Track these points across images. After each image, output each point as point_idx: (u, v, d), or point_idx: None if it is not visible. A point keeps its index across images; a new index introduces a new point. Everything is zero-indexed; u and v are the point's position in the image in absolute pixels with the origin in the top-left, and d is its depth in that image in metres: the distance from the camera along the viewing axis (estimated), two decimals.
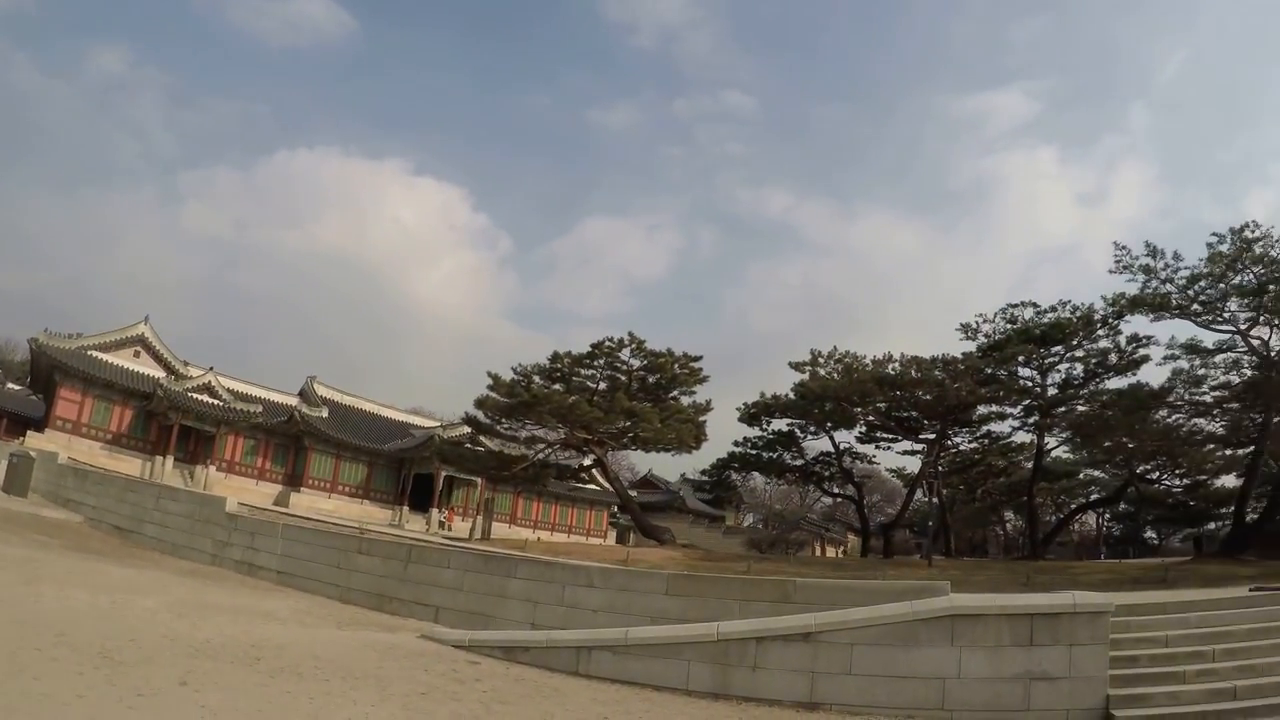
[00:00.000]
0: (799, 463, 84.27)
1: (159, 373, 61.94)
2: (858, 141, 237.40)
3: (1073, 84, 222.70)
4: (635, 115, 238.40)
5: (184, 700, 10.41)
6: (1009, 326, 70.60)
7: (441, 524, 70.13)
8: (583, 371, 66.70)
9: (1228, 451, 70.86)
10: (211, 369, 63.63)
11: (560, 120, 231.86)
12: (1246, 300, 55.49)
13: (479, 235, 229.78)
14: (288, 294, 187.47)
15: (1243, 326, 57.03)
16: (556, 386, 65.09)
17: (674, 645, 16.81)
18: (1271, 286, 53.75)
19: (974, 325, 72.29)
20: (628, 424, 64.32)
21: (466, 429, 69.93)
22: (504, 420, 64.83)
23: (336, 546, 27.80)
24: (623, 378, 66.94)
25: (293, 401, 68.81)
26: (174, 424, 60.51)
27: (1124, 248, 58.81)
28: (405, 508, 70.53)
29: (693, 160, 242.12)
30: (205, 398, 61.93)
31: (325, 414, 68.24)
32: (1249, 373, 59.15)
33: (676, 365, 67.40)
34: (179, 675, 11.64)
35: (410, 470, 72.53)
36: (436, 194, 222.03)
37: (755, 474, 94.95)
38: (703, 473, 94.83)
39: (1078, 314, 67.26)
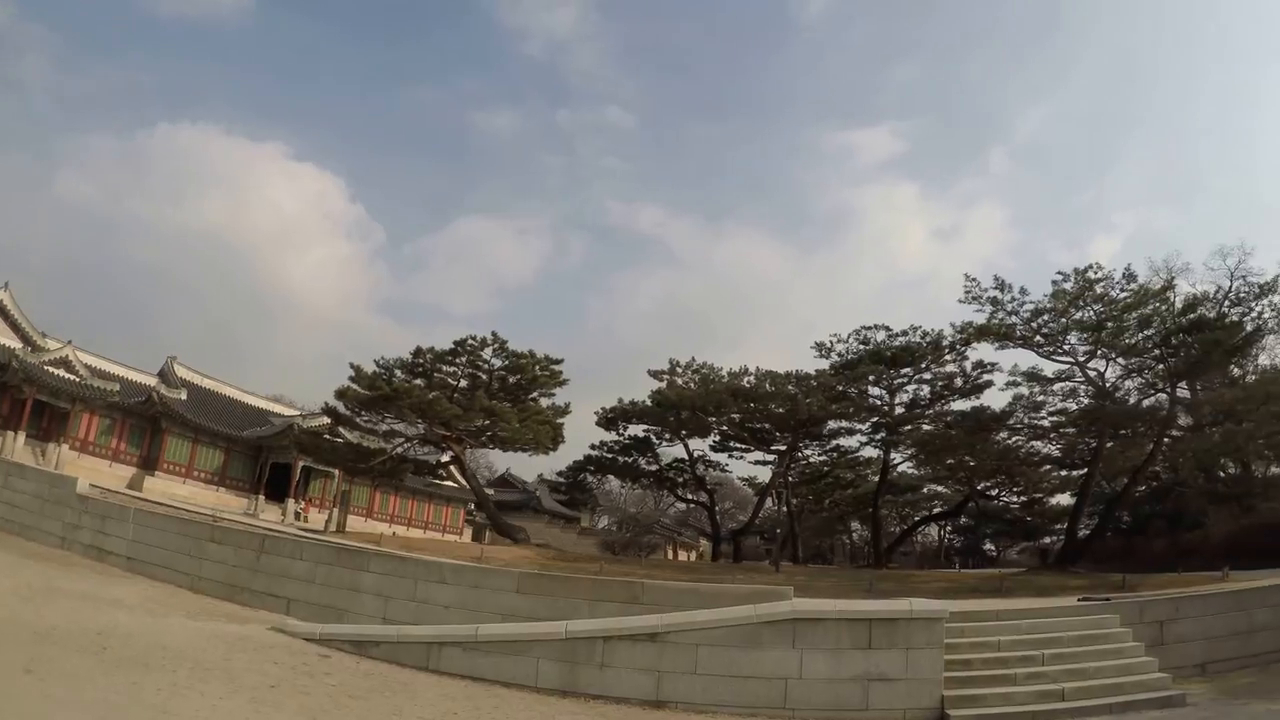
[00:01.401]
0: (654, 468, 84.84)
1: (15, 343, 58.96)
2: (730, 165, 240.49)
3: (939, 127, 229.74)
4: (518, 121, 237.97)
5: (29, 689, 10.35)
6: (862, 347, 72.98)
7: (297, 515, 68.93)
8: (445, 368, 65.98)
9: (1063, 472, 74.74)
10: (70, 343, 60.67)
11: (445, 119, 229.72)
12: (1086, 335, 58.29)
13: (354, 226, 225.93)
14: (157, 270, 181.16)
15: (1081, 359, 60.09)
16: (418, 381, 64.32)
17: (523, 643, 17.13)
18: (1109, 324, 56.63)
19: (828, 344, 74.61)
20: (487, 422, 63.93)
21: (326, 419, 68.65)
22: (364, 412, 63.85)
23: (189, 534, 27.36)
24: (484, 376, 66.46)
25: (152, 382, 66.40)
26: (27, 398, 57.41)
27: (974, 280, 60.94)
28: (261, 497, 68.71)
29: (570, 169, 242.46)
30: (62, 372, 58.99)
31: (184, 396, 66.18)
32: (1085, 401, 62.32)
33: (538, 367, 67.28)
34: (24, 662, 11.56)
35: (268, 459, 70.76)
36: (315, 181, 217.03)
37: (611, 477, 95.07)
38: (560, 474, 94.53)
39: (927, 339, 70.04)
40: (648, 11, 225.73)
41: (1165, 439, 59.72)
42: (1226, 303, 60.97)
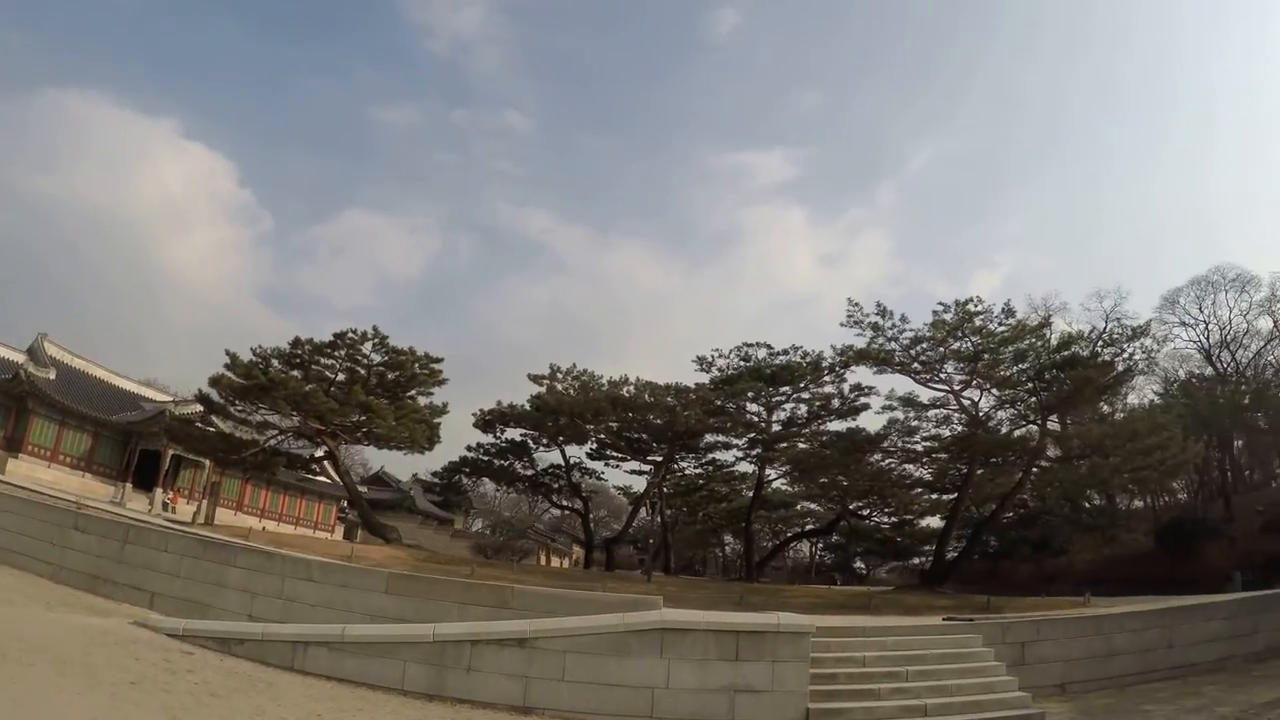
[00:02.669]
0: (530, 473, 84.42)
1: None
2: (624, 176, 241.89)
3: (831, 156, 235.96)
4: (416, 118, 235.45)
5: None
6: (742, 364, 73.71)
7: (165, 505, 66.84)
8: (323, 360, 64.98)
9: (933, 496, 76.65)
10: None
11: (343, 110, 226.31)
12: (962, 365, 59.76)
13: (241, 210, 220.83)
14: (21, 241, 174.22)
15: (956, 387, 61.43)
16: (295, 373, 63.13)
17: (391, 645, 17.02)
18: (986, 355, 58.15)
19: (709, 359, 75.07)
20: (362, 418, 63.26)
21: (199, 407, 66.46)
22: (238, 402, 62.37)
23: (51, 521, 26.58)
24: (362, 371, 65.61)
25: (20, 359, 63.99)
26: None
27: (857, 304, 61.65)
28: (129, 485, 66.32)
29: (464, 170, 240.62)
30: None
31: (53, 376, 63.76)
32: (958, 428, 64.13)
33: (417, 365, 66.71)
34: None
35: (137, 445, 68.16)
36: (205, 161, 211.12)
37: (486, 480, 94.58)
38: (435, 474, 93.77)
39: (808, 360, 71.15)
40: (555, 19, 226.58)
41: (1034, 469, 61.52)
42: (1100, 342, 62.66)
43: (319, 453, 71.89)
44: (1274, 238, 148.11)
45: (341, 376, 65.15)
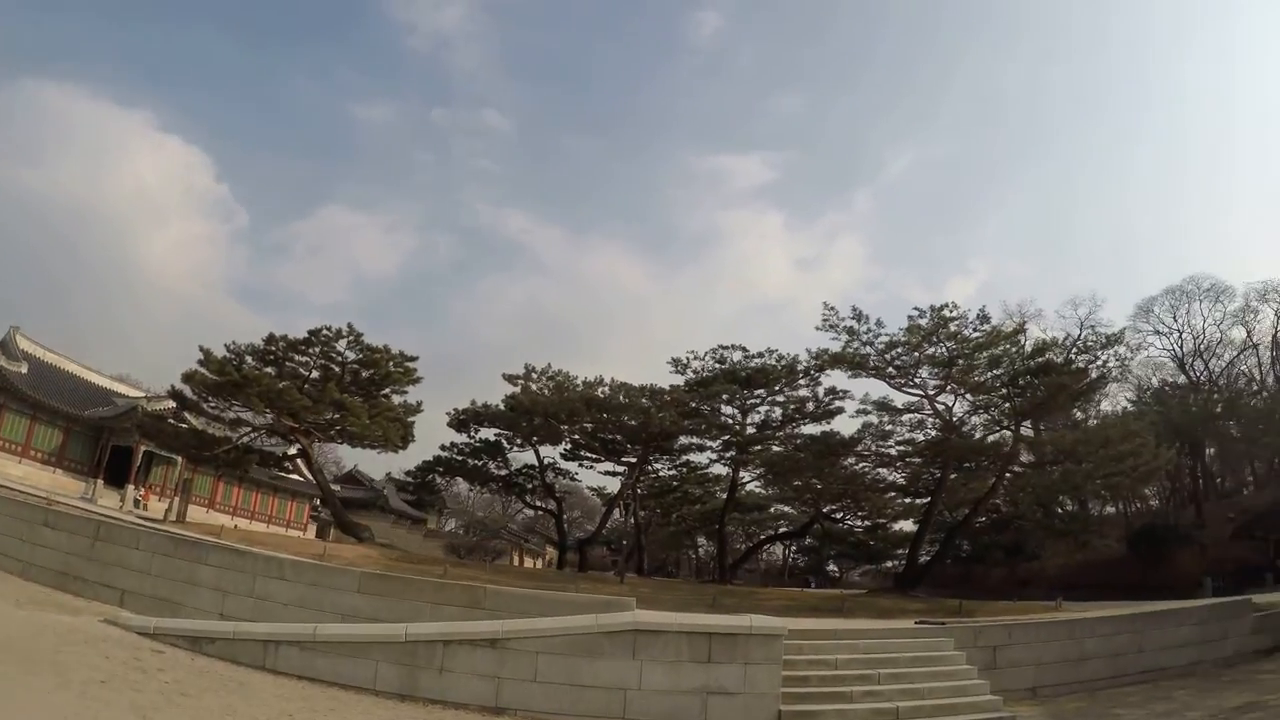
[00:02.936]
0: (503, 473, 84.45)
1: None
2: (603, 177, 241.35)
3: (810, 161, 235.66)
4: (395, 116, 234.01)
5: None
6: (718, 366, 73.98)
7: (137, 502, 66.03)
8: (297, 357, 64.62)
9: (907, 500, 76.99)
10: None
11: (321, 106, 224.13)
12: (937, 370, 60.45)
13: (217, 206, 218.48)
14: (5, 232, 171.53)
15: (931, 392, 62.04)
16: (269, 370, 62.90)
17: (363, 644, 16.96)
18: (960, 361, 58.75)
19: (685, 361, 75.29)
20: (336, 416, 63.18)
21: (172, 403, 66.02)
22: (211, 398, 62.08)
23: (22, 517, 26.28)
24: (337, 369, 65.33)
25: None
26: None
27: (833, 309, 62.22)
28: (100, 481, 65.25)
29: (443, 169, 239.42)
30: None
31: (25, 370, 62.92)
32: (932, 433, 64.69)
33: (392, 363, 66.50)
34: None
35: (109, 441, 67.37)
36: (181, 155, 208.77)
37: (460, 480, 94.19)
38: (408, 474, 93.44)
39: (783, 363, 71.46)
40: (536, 18, 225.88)
41: (1007, 474, 61.94)
42: (1074, 349, 63.49)
43: (292, 450, 71.60)
44: (1247, 245, 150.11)
45: (316, 374, 64.97)
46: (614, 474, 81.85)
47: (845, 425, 72.77)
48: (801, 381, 71.50)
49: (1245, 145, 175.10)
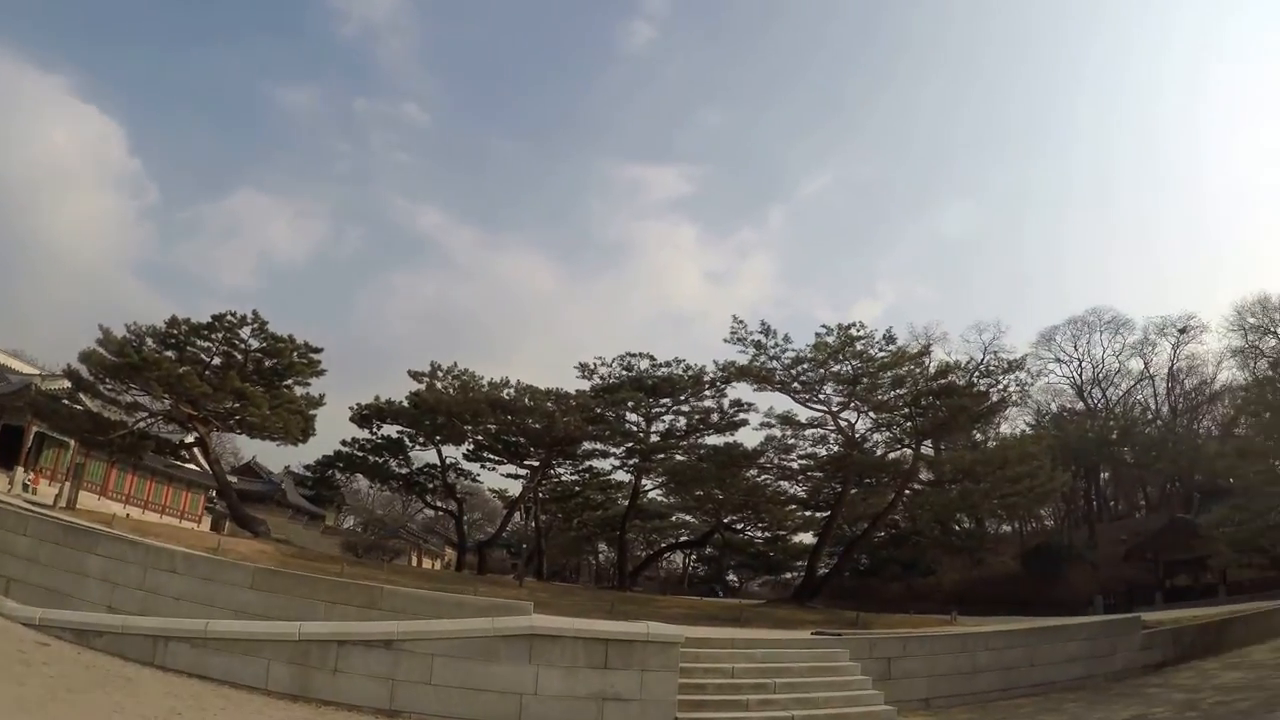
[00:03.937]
0: (405, 471, 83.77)
1: None
2: (521, 179, 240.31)
3: (727, 177, 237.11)
4: (315, 101, 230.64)
5: None
6: (625, 373, 74.37)
7: (26, 485, 64.30)
8: (199, 342, 63.32)
9: (807, 513, 78.14)
10: None
11: (242, 86, 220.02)
12: (842, 387, 61.14)
13: (127, 180, 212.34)
14: None
15: (834, 409, 62.79)
16: (169, 353, 61.57)
17: (255, 642, 16.75)
18: (865, 379, 59.63)
19: (592, 367, 75.74)
20: (236, 405, 62.02)
21: (67, 383, 64.01)
22: (109, 380, 60.47)
23: None
24: (239, 356, 64.27)
25: None
26: None
27: (742, 322, 62.59)
28: None
29: (359, 159, 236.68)
30: None
31: None
32: (834, 448, 65.51)
33: (296, 354, 65.58)
34: None
35: None
36: (95, 125, 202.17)
37: (360, 476, 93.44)
38: (308, 468, 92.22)
39: (690, 373, 72.00)
40: (466, 14, 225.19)
41: (907, 491, 63.14)
42: (977, 373, 64.92)
43: (189, 439, 70.11)
44: (1134, 276, 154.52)
45: (217, 360, 63.85)
46: (516, 476, 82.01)
47: (749, 437, 73.68)
48: (707, 392, 72.18)
49: (1138, 178, 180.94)
